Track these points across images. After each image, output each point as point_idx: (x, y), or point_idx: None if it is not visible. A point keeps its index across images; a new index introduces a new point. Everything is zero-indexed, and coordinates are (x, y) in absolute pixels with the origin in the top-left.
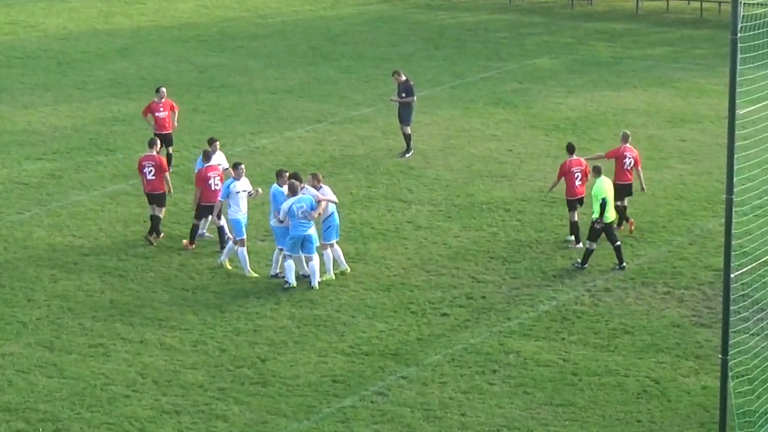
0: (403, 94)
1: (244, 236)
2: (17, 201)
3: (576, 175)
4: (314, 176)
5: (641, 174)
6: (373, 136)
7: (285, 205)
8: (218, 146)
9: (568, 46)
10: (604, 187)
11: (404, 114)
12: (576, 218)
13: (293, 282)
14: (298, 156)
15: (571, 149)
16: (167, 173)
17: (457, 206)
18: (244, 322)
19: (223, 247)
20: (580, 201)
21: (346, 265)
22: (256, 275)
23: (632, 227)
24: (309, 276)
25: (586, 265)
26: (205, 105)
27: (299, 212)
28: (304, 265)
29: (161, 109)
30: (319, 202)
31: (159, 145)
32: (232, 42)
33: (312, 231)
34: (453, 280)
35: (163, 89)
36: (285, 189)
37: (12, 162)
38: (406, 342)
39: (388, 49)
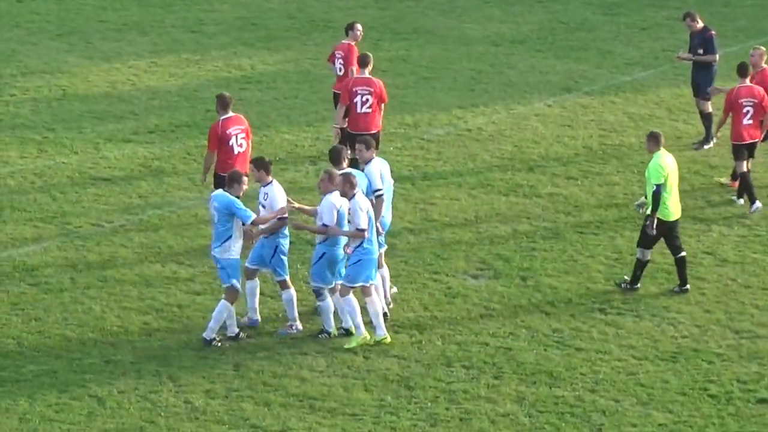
0: (700, 51)
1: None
2: (92, 205)
3: (745, 110)
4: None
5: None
6: (653, 115)
7: (334, 202)
8: None
9: None
10: (664, 165)
11: (701, 81)
12: (744, 168)
13: (333, 327)
14: (534, 144)
15: (742, 71)
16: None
17: None
18: (444, 406)
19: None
20: (750, 148)
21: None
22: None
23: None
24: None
25: (638, 285)
26: (387, 60)
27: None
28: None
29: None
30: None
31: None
32: None
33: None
34: None
35: (359, 26)
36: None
37: (86, 145)
38: None
39: None
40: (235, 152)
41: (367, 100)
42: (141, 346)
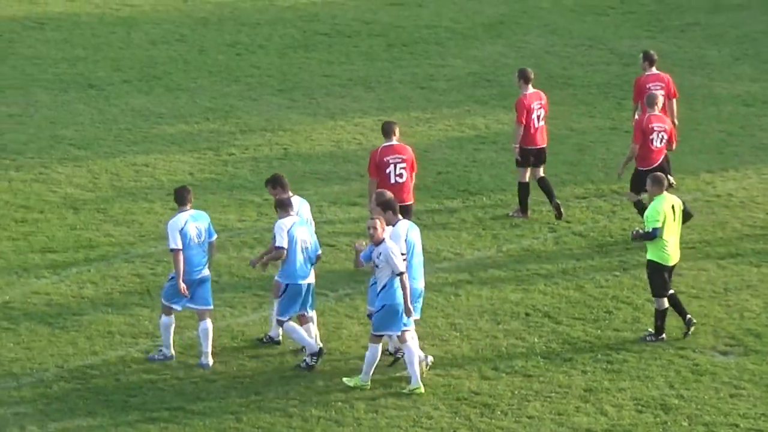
0: None
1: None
2: (316, 272)
3: None
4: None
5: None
6: None
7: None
8: None
9: None
10: (661, 211)
11: None
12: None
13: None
14: None
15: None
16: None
17: None
18: None
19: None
20: None
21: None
22: None
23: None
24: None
25: (663, 336)
26: (628, 120)
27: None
28: None
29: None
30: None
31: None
32: (678, 16)
33: None
34: None
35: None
36: None
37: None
38: None
39: None
40: (392, 181)
41: (541, 113)
42: (367, 423)
